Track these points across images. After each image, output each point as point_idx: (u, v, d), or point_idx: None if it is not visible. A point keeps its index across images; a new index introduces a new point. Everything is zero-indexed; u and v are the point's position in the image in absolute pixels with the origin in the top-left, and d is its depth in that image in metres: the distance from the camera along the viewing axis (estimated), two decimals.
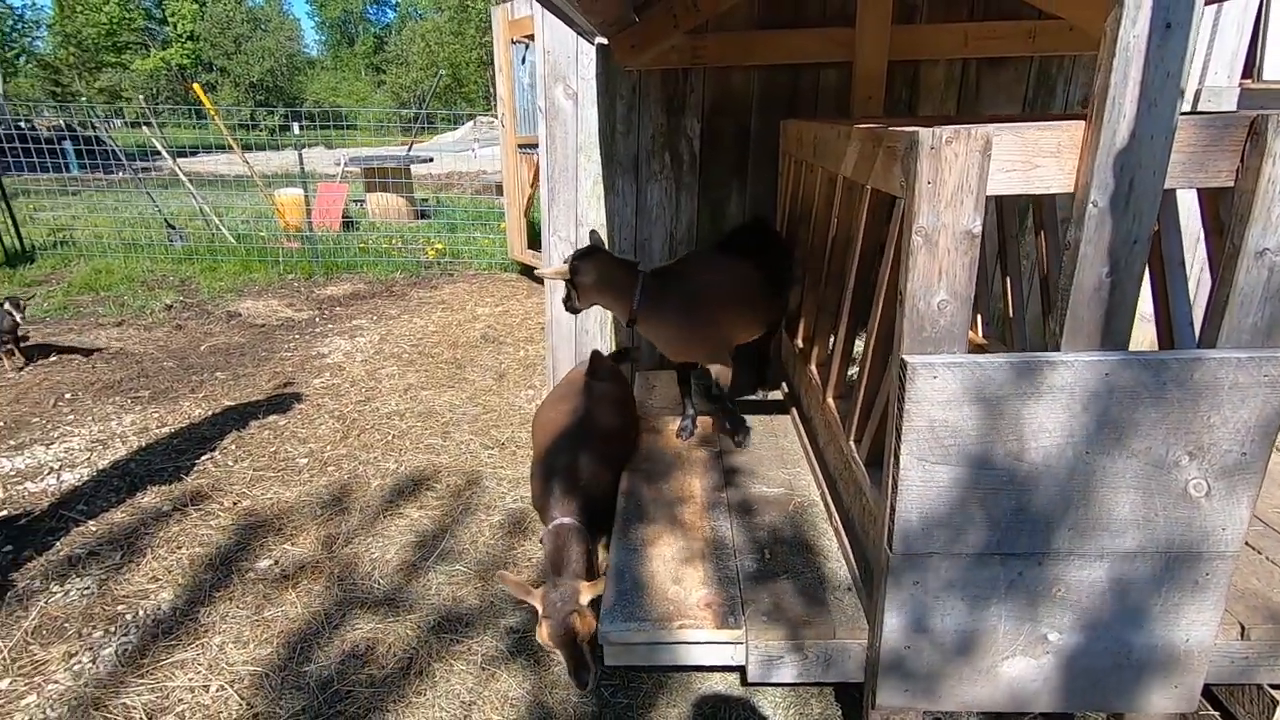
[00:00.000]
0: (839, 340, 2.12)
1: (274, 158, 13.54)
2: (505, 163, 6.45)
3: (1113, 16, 1.22)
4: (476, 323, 5.38)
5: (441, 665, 2.06)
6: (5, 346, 4.32)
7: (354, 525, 2.74)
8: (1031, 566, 1.44)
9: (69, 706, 1.92)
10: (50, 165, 8.14)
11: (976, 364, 1.33)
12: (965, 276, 1.35)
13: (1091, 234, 1.32)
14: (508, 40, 5.87)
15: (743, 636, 1.65)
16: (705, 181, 3.27)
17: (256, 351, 4.75)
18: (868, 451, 1.77)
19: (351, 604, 2.31)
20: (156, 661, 2.07)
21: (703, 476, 2.35)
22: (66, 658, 2.08)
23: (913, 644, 1.52)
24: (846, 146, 1.91)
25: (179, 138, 16.47)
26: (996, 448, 1.37)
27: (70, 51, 35.40)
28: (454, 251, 7.48)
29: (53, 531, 2.69)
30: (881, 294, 1.65)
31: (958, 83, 3.14)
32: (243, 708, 1.91)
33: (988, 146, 1.28)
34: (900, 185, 1.42)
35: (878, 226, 1.85)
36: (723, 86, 3.14)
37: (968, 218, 1.32)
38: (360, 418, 3.70)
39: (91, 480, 3.06)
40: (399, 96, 36.16)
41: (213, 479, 3.08)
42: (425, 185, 12.35)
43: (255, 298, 6.09)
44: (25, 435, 3.48)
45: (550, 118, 3.19)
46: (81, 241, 7.47)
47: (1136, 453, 1.36)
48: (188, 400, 3.92)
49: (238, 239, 7.53)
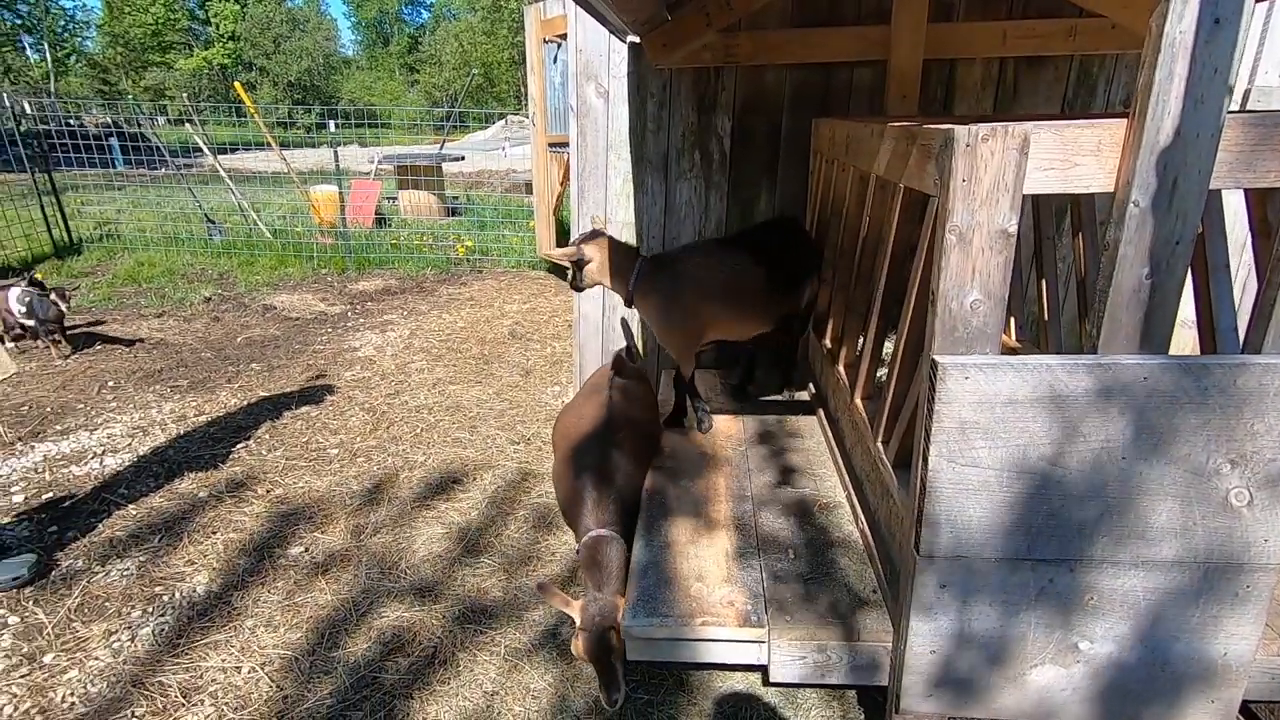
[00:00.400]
0: (868, 340, 2.10)
1: (310, 155, 13.82)
2: (535, 161, 6.50)
3: (1159, 11, 1.19)
4: (504, 319, 5.43)
5: (466, 655, 2.08)
6: (52, 335, 4.47)
7: (382, 516, 2.79)
8: (1063, 573, 1.41)
9: (108, 683, 1.98)
10: (97, 161, 8.40)
11: (1009, 365, 1.30)
12: (999, 276, 1.33)
13: (1132, 234, 1.29)
14: (540, 39, 5.92)
15: (765, 636, 1.65)
16: (735, 180, 3.26)
17: (290, 344, 4.85)
18: (896, 453, 1.75)
19: (379, 592, 2.35)
20: (191, 642, 2.13)
21: (728, 475, 2.35)
22: (107, 635, 2.16)
23: (938, 649, 1.50)
24: (879, 144, 1.89)
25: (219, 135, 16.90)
26: (1029, 451, 1.34)
27: (118, 51, 36.54)
28: (483, 249, 7.56)
29: (95, 514, 2.78)
30: (913, 293, 1.63)
31: (995, 82, 3.09)
32: (273, 690, 1.96)
33: (1025, 144, 1.26)
34: (934, 183, 1.40)
35: (910, 225, 1.83)
36: (754, 85, 3.13)
37: (1003, 216, 1.30)
38: (390, 410, 3.76)
39: (132, 465, 3.16)
40: (432, 95, 36.62)
41: (247, 467, 3.16)
42: (456, 183, 12.49)
43: (290, 291, 6.22)
44: (70, 421, 3.61)
45: (581, 116, 3.20)
46: (126, 235, 7.71)
47: (1175, 460, 1.33)
48: (224, 390, 4.02)
49: (274, 234, 7.69)
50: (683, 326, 2.54)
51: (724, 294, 2.54)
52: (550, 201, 6.42)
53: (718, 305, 2.54)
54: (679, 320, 2.52)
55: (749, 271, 2.57)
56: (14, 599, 2.30)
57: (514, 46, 32.79)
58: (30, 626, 2.19)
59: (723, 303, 2.55)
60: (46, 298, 4.36)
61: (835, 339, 2.61)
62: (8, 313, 4.40)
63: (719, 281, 2.53)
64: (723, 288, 2.53)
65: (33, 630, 2.17)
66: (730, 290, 2.55)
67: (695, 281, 2.51)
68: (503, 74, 34.82)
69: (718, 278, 2.53)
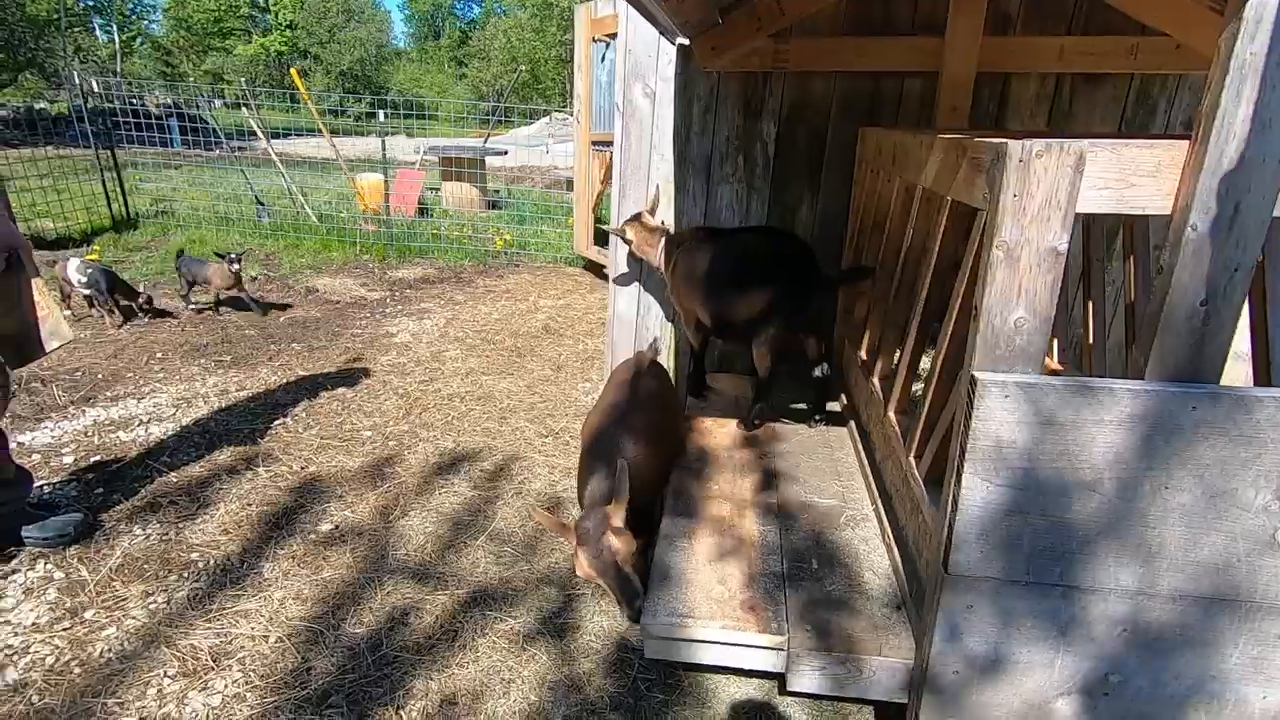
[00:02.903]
0: (905, 354, 2.08)
1: (358, 143, 14.12)
2: (578, 159, 6.55)
3: (1229, 31, 1.16)
4: (538, 314, 5.48)
5: (485, 641, 2.11)
6: (107, 305, 4.65)
7: (410, 499, 2.84)
8: (1096, 602, 1.38)
9: (143, 641, 2.05)
10: (157, 140, 8.69)
11: (1052, 386, 1.28)
12: (1047, 295, 1.31)
13: (1188, 259, 1.26)
14: (589, 38, 5.96)
15: (785, 643, 1.64)
16: (777, 187, 3.25)
17: (330, 326, 4.97)
18: (928, 469, 1.73)
19: (404, 573, 2.39)
20: (222, 608, 2.20)
21: (754, 481, 2.34)
22: (144, 596, 2.23)
23: (961, 670, 1.47)
24: (928, 156, 1.86)
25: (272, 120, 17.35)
26: (1067, 475, 1.32)
27: (181, 35, 37.81)
28: (521, 243, 7.64)
29: (139, 479, 2.88)
30: (956, 308, 1.60)
31: (1050, 98, 3.03)
32: (298, 660, 2.01)
33: (1080, 162, 1.24)
34: (984, 197, 1.38)
35: (955, 240, 1.80)
36: (802, 91, 3.11)
37: (1054, 234, 1.27)
38: (423, 397, 3.82)
39: (175, 435, 3.26)
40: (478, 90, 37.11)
41: (283, 443, 3.24)
42: (498, 177, 12.64)
43: (332, 275, 6.36)
44: (120, 389, 3.74)
45: (627, 116, 3.22)
46: (180, 213, 7.97)
47: (1220, 493, 1.29)
48: (265, 367, 4.14)
49: (319, 219, 7.88)
50: (686, 304, 2.88)
51: (716, 278, 2.70)
52: (590, 199, 6.46)
53: (705, 291, 2.73)
54: (681, 291, 2.88)
55: (748, 264, 2.64)
56: (60, 555, 2.40)
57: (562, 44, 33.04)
58: (74, 582, 2.28)
59: (713, 289, 2.71)
60: (109, 269, 4.60)
61: (871, 351, 2.59)
62: (66, 283, 4.59)
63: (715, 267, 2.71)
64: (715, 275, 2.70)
65: (75, 586, 2.26)
66: (723, 276, 2.68)
67: (694, 259, 2.77)
68: (549, 71, 35.12)
69: (714, 264, 2.71)
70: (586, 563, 1.77)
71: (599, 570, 1.76)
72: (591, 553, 1.76)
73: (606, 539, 1.76)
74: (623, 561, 1.76)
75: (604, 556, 1.75)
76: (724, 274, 2.66)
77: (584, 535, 1.79)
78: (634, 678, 2.00)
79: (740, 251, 2.70)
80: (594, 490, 2.02)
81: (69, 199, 7.26)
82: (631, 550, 1.77)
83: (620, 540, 1.76)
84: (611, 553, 1.75)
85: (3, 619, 2.11)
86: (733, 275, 2.64)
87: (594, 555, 1.76)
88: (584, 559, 1.77)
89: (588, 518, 1.82)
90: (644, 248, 3.08)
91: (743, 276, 2.61)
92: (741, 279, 2.61)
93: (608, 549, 1.75)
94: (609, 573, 1.76)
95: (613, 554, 1.75)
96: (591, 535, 1.78)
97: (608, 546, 1.76)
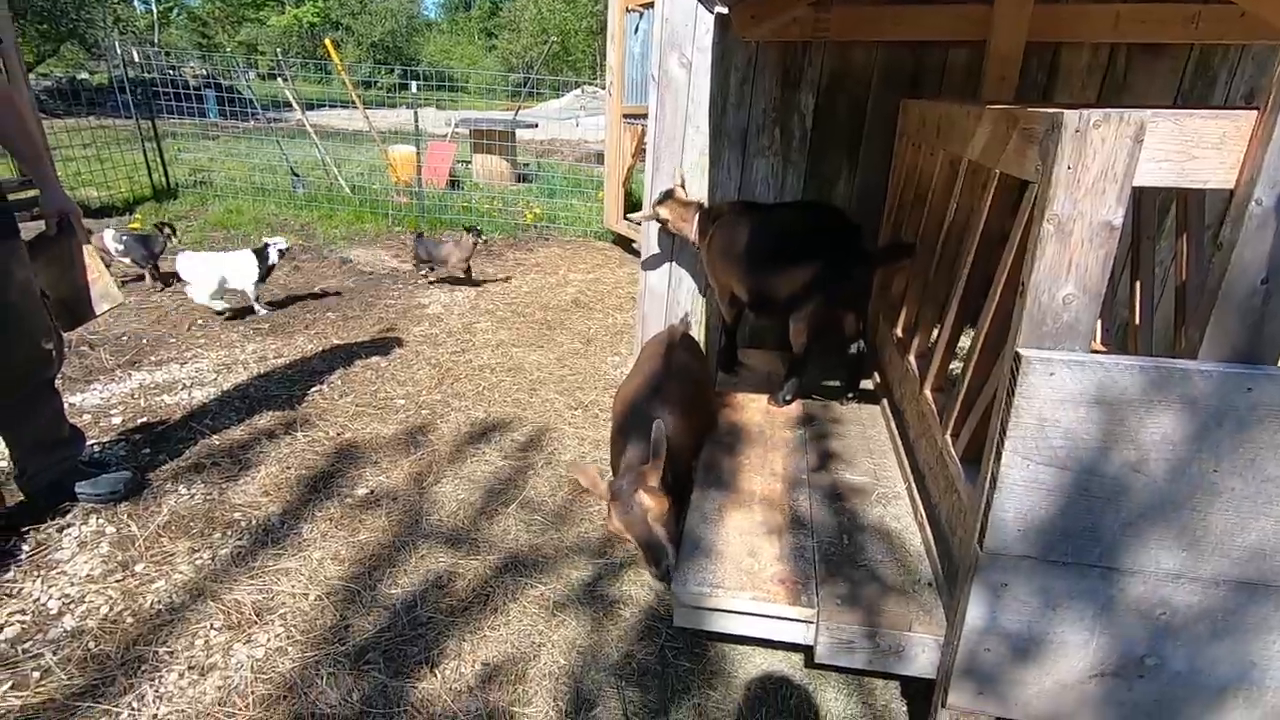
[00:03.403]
0: (944, 331, 2.04)
1: (389, 115, 14.15)
2: (609, 132, 6.49)
3: None
4: (568, 287, 5.49)
5: (516, 606, 2.16)
6: (150, 266, 4.79)
7: (444, 466, 2.89)
8: (1136, 584, 1.36)
9: (190, 594, 2.14)
10: (195, 111, 8.82)
11: (1100, 364, 1.25)
12: (1098, 271, 1.27)
13: (1250, 235, 1.21)
14: (623, 8, 5.87)
15: (814, 616, 1.65)
16: (814, 160, 3.18)
17: (364, 297, 5.04)
18: (965, 447, 1.71)
19: (437, 538, 2.45)
20: (264, 566, 2.28)
21: (786, 456, 2.34)
22: (190, 552, 2.32)
23: (993, 647, 1.47)
24: (976, 128, 1.81)
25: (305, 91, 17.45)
26: (1112, 456, 1.29)
27: (216, 5, 38.03)
28: (551, 216, 7.63)
29: (183, 441, 2.97)
30: (1000, 283, 1.57)
31: (1103, 69, 2.91)
32: (337, 618, 2.08)
33: (1140, 132, 1.20)
34: (1035, 169, 1.35)
35: (1001, 214, 1.76)
36: (842, 62, 3.03)
37: (1109, 208, 1.24)
38: (455, 367, 3.87)
39: (217, 399, 3.36)
40: (508, 62, 36.82)
41: (320, 410, 3.31)
42: (528, 150, 12.60)
43: (365, 246, 6.44)
44: (164, 353, 3.85)
45: (662, 86, 3.18)
46: (217, 183, 8.10)
47: (1272, 478, 1.26)
48: (301, 336, 4.22)
49: (353, 190, 7.95)
50: (717, 276, 2.88)
51: (747, 256, 2.67)
52: (621, 173, 6.42)
53: (736, 264, 2.71)
54: (713, 266, 2.88)
55: (781, 241, 2.61)
56: (111, 511, 2.49)
57: (592, 15, 32.57)
58: (124, 537, 2.37)
59: (746, 264, 2.68)
60: (158, 233, 4.79)
61: (907, 328, 2.55)
62: (104, 252, 4.71)
63: (746, 242, 2.69)
64: (750, 250, 2.67)
65: (126, 541, 2.36)
66: (763, 250, 2.64)
67: (733, 233, 2.74)
68: (580, 43, 34.68)
69: (746, 238, 2.69)
70: (617, 518, 1.78)
71: (628, 525, 1.77)
72: (623, 508, 1.77)
73: (639, 496, 1.78)
74: (653, 520, 1.77)
75: (635, 513, 1.77)
76: (764, 248, 2.63)
77: (617, 491, 1.81)
78: (661, 646, 2.03)
79: (782, 225, 2.66)
80: (629, 456, 2.04)
81: (111, 168, 7.42)
82: (663, 510, 1.78)
83: (653, 499, 1.78)
84: (643, 510, 1.77)
85: (59, 570, 2.21)
86: (773, 250, 2.61)
87: (625, 510, 1.77)
88: (615, 514, 1.79)
89: (622, 477, 1.84)
90: (679, 223, 3.03)
91: (784, 251, 2.58)
92: (782, 253, 2.58)
93: (639, 505, 1.77)
94: (638, 529, 1.77)
95: (644, 511, 1.77)
96: (625, 492, 1.79)
97: (639, 503, 1.77)
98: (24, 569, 2.21)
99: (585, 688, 1.88)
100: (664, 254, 3.34)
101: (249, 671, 1.88)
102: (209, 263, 4.29)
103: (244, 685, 1.84)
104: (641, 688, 1.89)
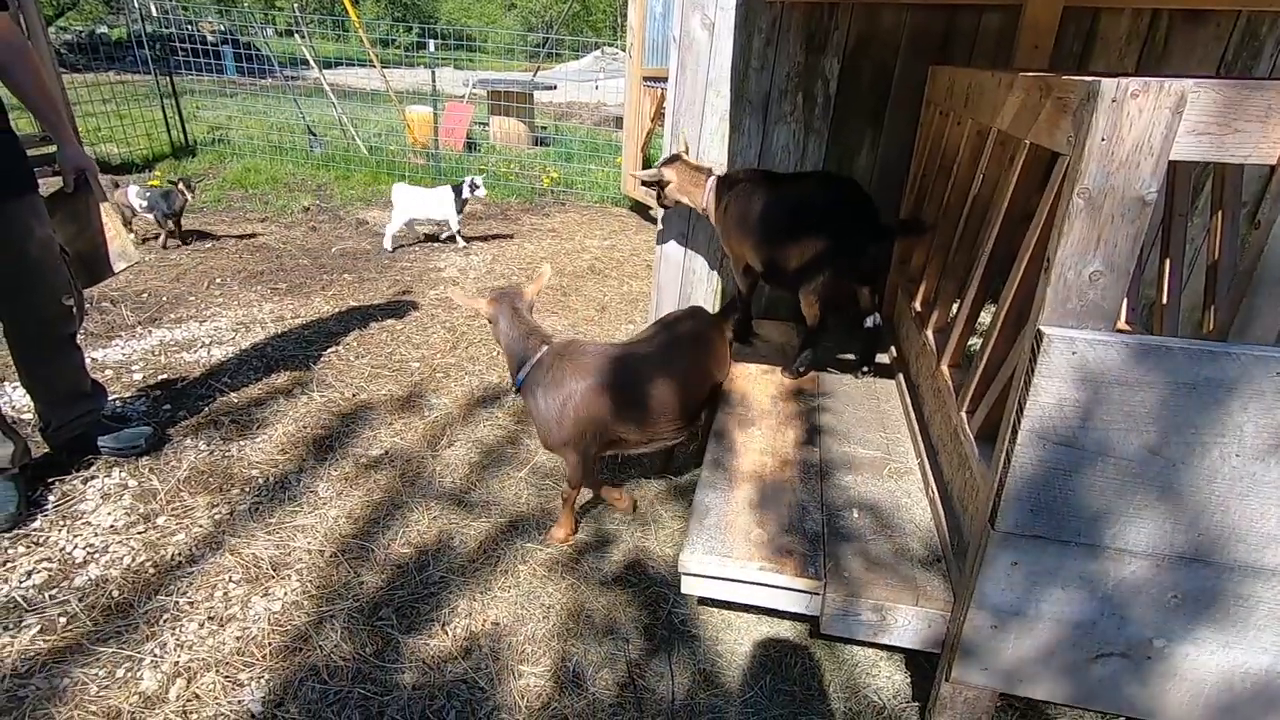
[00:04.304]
0: (965, 306, 2.01)
1: (406, 75, 13.98)
2: (628, 95, 6.38)
3: None
4: (584, 253, 5.45)
5: (525, 568, 2.19)
6: (169, 223, 4.81)
7: (456, 429, 2.92)
8: (1148, 567, 1.35)
9: (210, 547, 2.19)
10: (212, 67, 8.75)
11: (1124, 344, 1.22)
12: (1128, 248, 1.23)
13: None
14: None
15: (821, 588, 1.66)
16: (837, 128, 3.11)
17: (380, 259, 5.04)
18: (980, 424, 1.69)
19: (449, 500, 2.48)
20: (281, 523, 2.32)
21: (798, 429, 2.33)
22: (209, 507, 2.37)
23: (1000, 625, 1.47)
24: (1006, 96, 1.75)
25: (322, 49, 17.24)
26: (1131, 437, 1.27)
27: None
28: (568, 181, 7.55)
29: (202, 397, 3.02)
30: (1025, 258, 1.53)
31: (1142, 37, 2.80)
32: (351, 574, 2.12)
33: (1181, 103, 1.15)
34: (1067, 141, 1.30)
35: (1029, 187, 1.71)
36: (870, 25, 2.94)
37: (1142, 182, 1.19)
38: (469, 331, 3.88)
39: (235, 358, 3.40)
40: (528, 21, 36.14)
41: (335, 370, 3.34)
42: (545, 113, 12.43)
43: (382, 208, 6.41)
44: (183, 311, 3.89)
45: (684, 48, 3.10)
46: (235, 141, 8.08)
47: None
48: (318, 296, 4.24)
49: (370, 150, 7.90)
50: (733, 245, 2.84)
51: (772, 222, 2.62)
52: (640, 138, 6.32)
53: (751, 234, 2.68)
54: (728, 235, 2.83)
55: (794, 211, 2.57)
56: (133, 465, 2.55)
57: None
58: (146, 491, 2.43)
59: (760, 234, 2.65)
60: (175, 189, 4.75)
61: (926, 303, 2.51)
62: (128, 208, 4.74)
63: (760, 212, 2.65)
64: (763, 220, 2.64)
65: (147, 494, 2.41)
66: (779, 220, 2.60)
67: (750, 201, 2.70)
68: (600, 3, 33.93)
69: (760, 208, 2.65)
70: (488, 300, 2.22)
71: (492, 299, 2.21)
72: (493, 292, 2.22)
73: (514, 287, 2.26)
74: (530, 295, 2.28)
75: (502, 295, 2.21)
76: (778, 218, 2.59)
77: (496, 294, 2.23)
78: (668, 612, 2.06)
79: (798, 196, 2.61)
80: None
81: (131, 125, 7.41)
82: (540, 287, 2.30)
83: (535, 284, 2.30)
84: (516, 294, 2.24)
85: (84, 520, 2.27)
86: (787, 220, 2.57)
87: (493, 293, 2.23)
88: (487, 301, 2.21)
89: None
90: (686, 188, 2.94)
91: (797, 222, 2.54)
92: (796, 224, 2.54)
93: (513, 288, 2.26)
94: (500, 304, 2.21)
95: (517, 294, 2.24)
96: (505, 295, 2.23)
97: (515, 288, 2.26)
98: (50, 519, 2.27)
99: (592, 650, 1.92)
100: (677, 227, 3.30)
101: (266, 624, 1.93)
102: (417, 194, 5.13)
103: (261, 636, 1.89)
104: (647, 653, 1.92)
